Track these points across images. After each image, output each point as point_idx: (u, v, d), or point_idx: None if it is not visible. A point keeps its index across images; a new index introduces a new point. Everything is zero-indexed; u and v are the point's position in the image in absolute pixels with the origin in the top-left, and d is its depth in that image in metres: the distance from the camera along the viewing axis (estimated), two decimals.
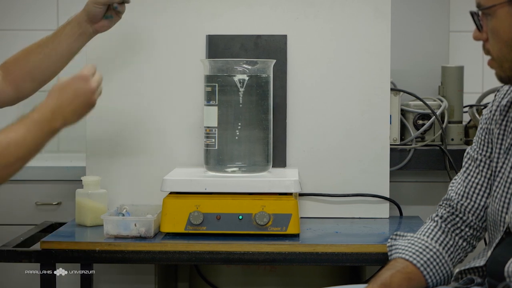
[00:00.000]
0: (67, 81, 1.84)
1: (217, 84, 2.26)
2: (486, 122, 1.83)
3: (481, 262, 1.75)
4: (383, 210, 2.48)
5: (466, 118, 2.83)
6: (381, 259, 2.06)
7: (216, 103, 2.27)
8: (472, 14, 1.66)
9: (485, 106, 2.78)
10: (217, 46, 2.46)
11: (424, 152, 2.63)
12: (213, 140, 2.28)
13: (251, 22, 2.47)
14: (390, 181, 2.49)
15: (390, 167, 2.50)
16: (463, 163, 1.88)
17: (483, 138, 1.84)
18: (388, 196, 2.47)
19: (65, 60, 2.19)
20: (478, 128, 1.86)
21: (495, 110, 1.81)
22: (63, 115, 1.80)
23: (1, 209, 2.69)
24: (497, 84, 1.74)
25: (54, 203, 2.68)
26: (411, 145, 2.63)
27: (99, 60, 2.47)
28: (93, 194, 2.32)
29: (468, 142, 2.77)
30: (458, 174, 1.89)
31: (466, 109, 2.81)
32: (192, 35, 2.47)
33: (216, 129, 2.27)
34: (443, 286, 1.81)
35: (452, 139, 2.73)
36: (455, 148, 2.67)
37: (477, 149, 1.85)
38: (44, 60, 2.17)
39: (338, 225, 2.38)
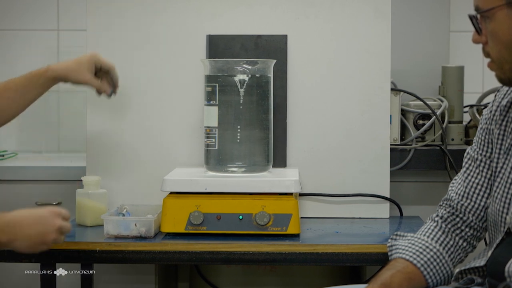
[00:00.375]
0: (39, 208, 1.83)
1: (217, 84, 2.26)
2: (486, 122, 1.83)
3: (481, 262, 1.75)
4: (383, 210, 2.48)
5: (467, 118, 2.83)
6: (381, 259, 2.06)
7: (217, 103, 2.27)
8: (471, 17, 1.66)
9: (486, 106, 2.78)
10: (218, 46, 2.46)
11: (424, 152, 2.63)
12: (214, 140, 2.28)
13: (252, 22, 2.47)
14: (390, 181, 2.49)
15: (390, 167, 2.50)
16: (463, 163, 1.88)
17: (483, 138, 1.84)
18: (388, 196, 2.47)
19: (27, 105, 2.19)
20: (478, 128, 1.86)
21: (495, 111, 1.81)
22: (15, 232, 1.77)
23: (1, 209, 2.67)
24: (498, 84, 1.74)
25: (54, 203, 2.68)
26: (411, 145, 2.63)
27: None
28: (93, 194, 2.32)
29: (469, 142, 2.77)
30: (458, 174, 1.89)
31: (466, 109, 2.81)
32: (192, 35, 2.47)
33: (217, 129, 2.27)
34: (443, 286, 1.81)
35: (452, 139, 2.73)
36: (456, 148, 2.67)
37: (477, 149, 1.85)
38: (8, 103, 2.16)
39: (338, 225, 2.38)
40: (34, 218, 1.79)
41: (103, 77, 2.24)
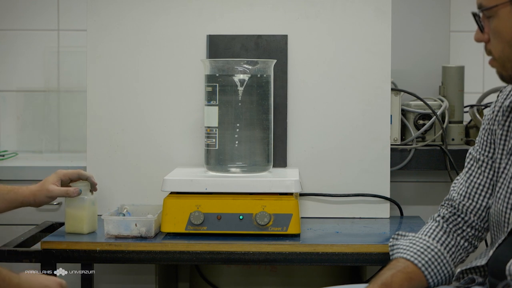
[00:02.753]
0: (44, 277, 1.82)
1: (217, 84, 2.26)
2: (488, 123, 1.83)
3: (482, 261, 1.75)
4: (384, 210, 2.48)
5: (467, 118, 2.83)
6: (382, 259, 2.06)
7: (217, 103, 2.27)
8: (474, 15, 1.65)
9: (486, 106, 2.78)
10: (218, 46, 2.46)
11: (425, 152, 2.63)
12: (214, 140, 2.28)
13: (252, 22, 2.47)
14: (390, 181, 2.49)
15: (391, 167, 2.50)
16: (466, 164, 1.88)
17: (485, 138, 1.83)
18: (388, 196, 2.47)
19: None
20: (481, 129, 1.86)
21: (498, 111, 1.80)
22: None
23: (1, 209, 2.69)
24: (498, 84, 1.74)
25: (54, 203, 2.67)
26: (411, 145, 2.63)
27: (99, 59, 2.48)
28: (88, 199, 2.21)
29: (469, 142, 2.77)
30: (460, 174, 1.89)
31: (466, 109, 2.81)
32: (192, 35, 2.47)
33: (217, 129, 2.27)
34: (444, 286, 1.81)
35: (453, 139, 2.73)
36: (456, 148, 2.67)
37: (480, 150, 1.84)
38: None
39: (339, 225, 2.38)
40: (38, 284, 1.78)
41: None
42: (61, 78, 3.09)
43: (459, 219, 1.85)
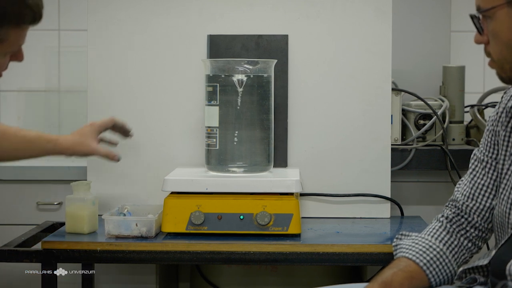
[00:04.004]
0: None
1: (218, 84, 2.26)
2: (492, 124, 1.83)
3: (484, 261, 1.75)
4: (384, 210, 2.48)
5: (467, 118, 2.83)
6: (382, 259, 2.06)
7: (217, 103, 2.27)
8: (472, 17, 1.65)
9: (487, 106, 2.78)
10: (218, 46, 2.45)
11: (425, 152, 2.63)
12: (214, 140, 2.28)
13: (253, 22, 2.47)
14: (391, 181, 2.49)
15: (391, 167, 2.50)
16: (470, 164, 1.88)
17: (489, 140, 1.83)
18: (389, 196, 2.47)
19: (19, 159, 2.17)
20: (485, 130, 1.86)
21: (502, 112, 1.80)
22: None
23: (2, 209, 2.69)
24: (499, 84, 1.74)
25: (55, 203, 2.68)
26: (412, 145, 2.63)
27: (99, 59, 2.48)
28: (88, 199, 2.23)
29: (469, 142, 2.77)
30: (465, 175, 1.89)
31: (467, 109, 2.81)
32: (193, 35, 2.47)
33: (217, 129, 2.27)
34: (446, 285, 1.81)
35: (453, 139, 2.73)
36: (456, 148, 2.67)
37: (484, 151, 1.84)
38: (3, 148, 2.10)
39: (339, 225, 2.38)
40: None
41: (116, 131, 2.26)
42: (61, 78, 3.09)
43: (463, 219, 1.85)
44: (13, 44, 1.66)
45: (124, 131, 2.27)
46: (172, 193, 2.21)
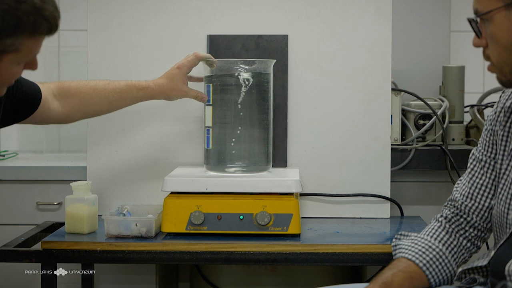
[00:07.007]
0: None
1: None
2: (490, 124, 1.83)
3: (484, 261, 1.75)
4: (384, 210, 2.48)
5: (467, 118, 2.83)
6: (382, 259, 2.06)
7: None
8: (470, 21, 1.65)
9: (486, 106, 2.78)
10: (218, 46, 2.46)
11: (425, 152, 2.63)
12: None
13: (252, 22, 2.47)
14: (391, 181, 2.49)
15: (391, 167, 2.50)
16: (468, 164, 1.88)
17: (487, 139, 1.83)
18: (389, 196, 2.47)
19: (114, 110, 2.26)
20: (483, 130, 1.86)
21: (500, 112, 1.80)
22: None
23: (2, 209, 2.69)
24: (498, 84, 1.73)
25: (55, 203, 2.68)
26: (412, 145, 2.63)
27: (99, 59, 2.48)
28: (88, 199, 2.22)
29: (469, 142, 2.77)
30: (463, 175, 1.89)
31: (467, 109, 2.81)
32: (193, 35, 2.47)
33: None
34: (446, 286, 1.81)
35: (453, 139, 2.73)
36: (456, 148, 2.67)
37: (482, 151, 1.84)
38: (97, 104, 2.20)
39: (339, 225, 2.38)
40: None
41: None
42: (61, 78, 3.08)
43: (462, 219, 1.85)
44: (28, 53, 1.66)
45: (209, 64, 2.28)
46: (172, 193, 2.21)
